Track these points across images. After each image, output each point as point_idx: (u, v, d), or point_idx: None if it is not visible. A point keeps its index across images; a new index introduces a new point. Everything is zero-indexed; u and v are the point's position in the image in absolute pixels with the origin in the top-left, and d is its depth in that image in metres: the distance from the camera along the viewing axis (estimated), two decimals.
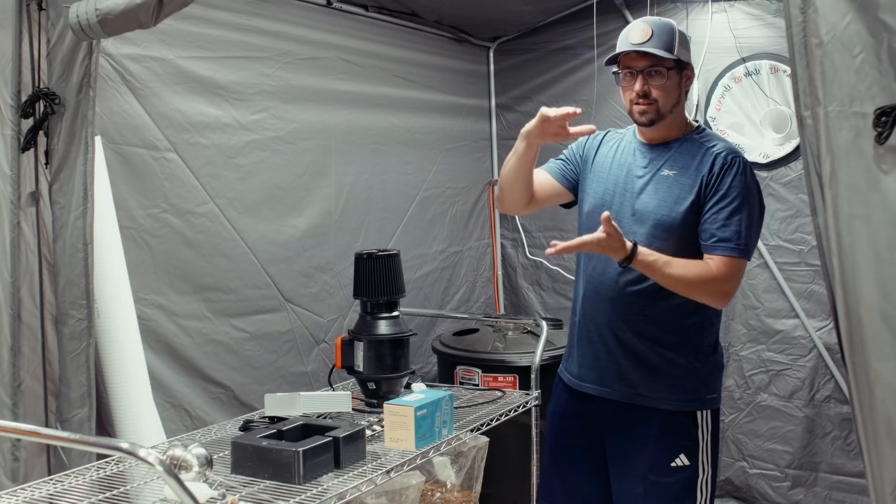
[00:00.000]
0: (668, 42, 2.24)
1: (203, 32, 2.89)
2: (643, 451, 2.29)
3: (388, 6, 3.60)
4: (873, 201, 1.51)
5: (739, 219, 2.18)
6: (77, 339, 2.33)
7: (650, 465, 2.28)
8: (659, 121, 2.28)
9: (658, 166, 2.31)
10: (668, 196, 2.26)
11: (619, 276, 2.28)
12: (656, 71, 2.24)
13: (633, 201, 2.31)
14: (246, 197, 3.05)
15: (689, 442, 2.27)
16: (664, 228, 2.24)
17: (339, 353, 2.60)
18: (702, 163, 2.25)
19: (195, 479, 1.89)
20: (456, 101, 4.13)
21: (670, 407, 2.28)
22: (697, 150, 2.28)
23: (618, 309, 2.30)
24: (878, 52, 1.49)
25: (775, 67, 3.60)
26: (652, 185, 2.29)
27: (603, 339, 2.35)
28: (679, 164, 2.28)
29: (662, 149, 2.33)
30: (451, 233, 4.13)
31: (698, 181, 2.23)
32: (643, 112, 2.27)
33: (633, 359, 2.30)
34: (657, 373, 2.29)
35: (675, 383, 2.28)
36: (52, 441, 2.13)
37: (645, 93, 2.24)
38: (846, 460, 3.56)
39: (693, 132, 2.34)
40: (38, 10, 2.30)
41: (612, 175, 2.38)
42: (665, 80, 2.24)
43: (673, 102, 2.28)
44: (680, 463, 2.27)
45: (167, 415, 2.73)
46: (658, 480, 2.27)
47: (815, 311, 3.59)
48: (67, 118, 2.30)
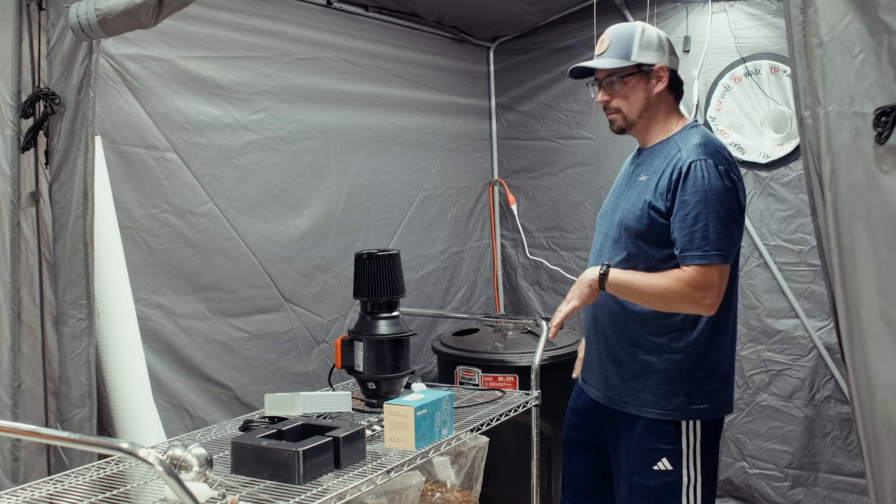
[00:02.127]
0: (624, 49, 2.24)
1: (203, 32, 2.89)
2: (627, 452, 2.31)
3: (388, 6, 3.60)
4: (873, 201, 1.51)
5: (704, 225, 2.12)
6: (77, 339, 2.33)
7: (632, 467, 2.29)
8: (629, 128, 2.31)
9: (638, 171, 2.31)
10: (637, 201, 2.25)
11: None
12: (611, 81, 2.27)
13: (618, 208, 2.34)
14: (246, 197, 3.05)
15: (670, 447, 2.25)
16: (634, 234, 2.24)
17: (339, 353, 2.60)
18: (670, 165, 2.20)
19: (195, 479, 1.89)
20: (456, 101, 4.13)
21: (652, 416, 2.26)
22: (673, 153, 2.23)
23: (602, 315, 2.34)
24: (878, 52, 1.49)
25: (775, 67, 3.60)
26: (631, 191, 2.31)
27: (595, 342, 2.41)
28: (651, 169, 2.27)
29: (648, 153, 2.34)
30: (451, 233, 4.13)
31: (664, 186, 2.19)
32: (611, 121, 2.33)
33: (616, 364, 2.33)
34: (637, 379, 2.28)
35: (657, 391, 2.25)
36: (52, 441, 2.13)
37: (606, 102, 2.29)
38: (846, 460, 3.56)
39: (678, 133, 2.29)
40: (38, 10, 2.30)
41: (616, 183, 2.46)
42: (623, 88, 2.25)
43: (639, 108, 2.27)
44: (662, 467, 2.25)
45: (167, 415, 2.73)
46: (640, 482, 2.28)
47: (815, 311, 3.59)
48: (67, 118, 2.30)
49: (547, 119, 4.22)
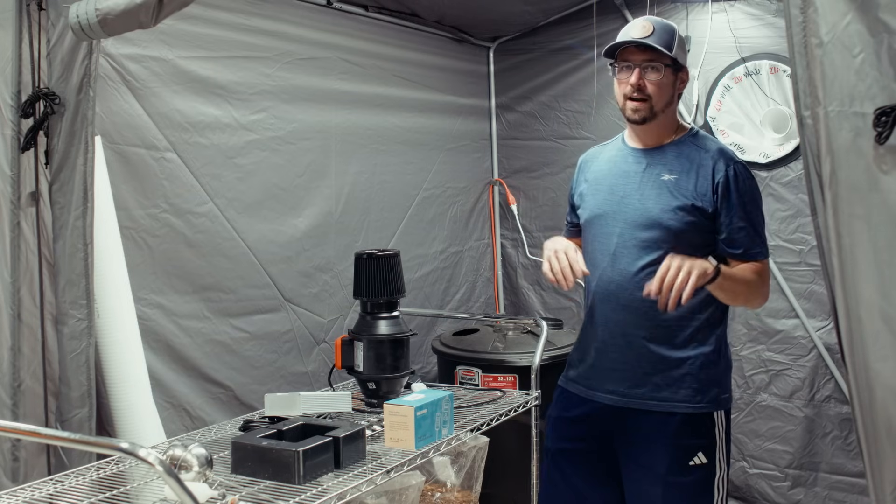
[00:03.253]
0: (668, 41, 2.25)
1: (203, 32, 2.88)
2: (660, 452, 2.29)
3: (388, 6, 3.60)
4: (873, 201, 1.51)
5: (756, 223, 2.28)
6: (77, 339, 2.33)
7: (668, 466, 2.28)
8: (651, 119, 2.28)
9: (657, 170, 2.31)
10: (671, 200, 2.26)
11: (628, 282, 2.29)
12: (654, 66, 2.25)
13: (635, 206, 2.31)
14: (246, 197, 3.05)
15: (706, 440, 2.29)
16: (669, 232, 2.25)
17: (339, 353, 2.60)
18: (702, 167, 2.27)
19: (195, 479, 1.89)
20: (456, 101, 4.13)
21: (689, 410, 2.29)
22: (696, 154, 2.29)
23: (630, 315, 2.30)
24: (878, 52, 1.49)
25: (775, 67, 3.60)
26: (653, 190, 2.29)
27: (618, 346, 2.34)
28: (678, 168, 2.29)
29: (658, 153, 2.33)
30: (451, 233, 4.13)
31: (704, 187, 2.25)
32: (636, 109, 2.27)
33: (650, 363, 2.30)
34: (674, 375, 2.29)
35: (694, 385, 2.29)
36: (52, 441, 2.13)
37: (640, 87, 2.25)
38: (846, 460, 3.56)
39: (687, 135, 2.35)
40: (38, 10, 2.30)
41: (609, 184, 2.39)
42: (661, 77, 2.25)
43: (666, 101, 2.28)
44: (698, 461, 2.28)
45: (167, 415, 2.73)
46: (677, 480, 2.28)
47: (815, 311, 3.59)
48: (67, 118, 2.30)
49: (547, 119, 4.22)
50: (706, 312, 2.30)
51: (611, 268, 2.32)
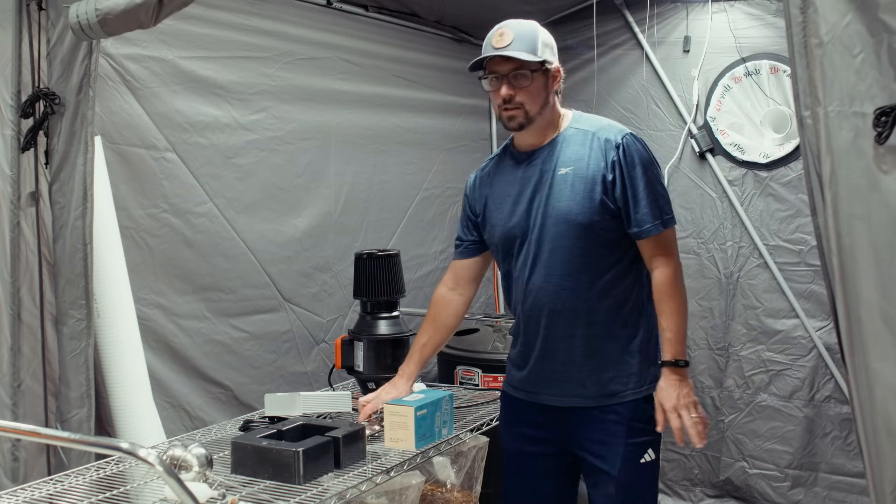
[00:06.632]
0: (531, 45, 2.25)
1: (203, 32, 2.89)
2: (613, 452, 2.26)
3: (388, 6, 3.60)
4: (873, 201, 1.51)
5: (654, 191, 2.21)
6: (77, 339, 2.33)
7: (620, 468, 2.26)
8: (528, 124, 2.26)
9: (552, 168, 2.27)
10: (574, 194, 2.22)
11: (553, 285, 2.25)
12: (520, 74, 2.24)
13: (542, 209, 2.26)
14: (245, 197, 3.05)
15: (650, 438, 2.27)
16: (582, 227, 2.21)
17: (339, 353, 2.60)
18: (593, 150, 2.23)
19: (195, 479, 1.89)
20: (456, 101, 4.12)
21: (635, 396, 2.26)
22: (583, 140, 2.26)
23: (561, 319, 2.26)
24: (878, 52, 1.49)
25: (775, 67, 3.60)
26: (555, 189, 2.25)
27: (559, 351, 2.29)
28: (572, 160, 2.25)
29: (548, 149, 2.30)
30: (450, 233, 4.12)
31: (599, 172, 2.21)
32: (511, 118, 2.26)
33: (594, 359, 2.26)
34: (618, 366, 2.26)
35: (635, 371, 2.27)
36: (52, 441, 2.13)
37: (510, 97, 2.24)
38: (846, 460, 3.55)
39: (571, 123, 2.32)
40: (38, 10, 2.30)
41: (510, 195, 2.34)
42: (529, 83, 2.23)
43: (541, 104, 2.26)
44: (648, 458, 2.28)
45: (167, 415, 2.73)
46: (628, 479, 2.26)
47: (815, 311, 3.59)
48: (67, 118, 2.30)
49: None
50: (632, 297, 2.27)
51: (533, 276, 2.27)
